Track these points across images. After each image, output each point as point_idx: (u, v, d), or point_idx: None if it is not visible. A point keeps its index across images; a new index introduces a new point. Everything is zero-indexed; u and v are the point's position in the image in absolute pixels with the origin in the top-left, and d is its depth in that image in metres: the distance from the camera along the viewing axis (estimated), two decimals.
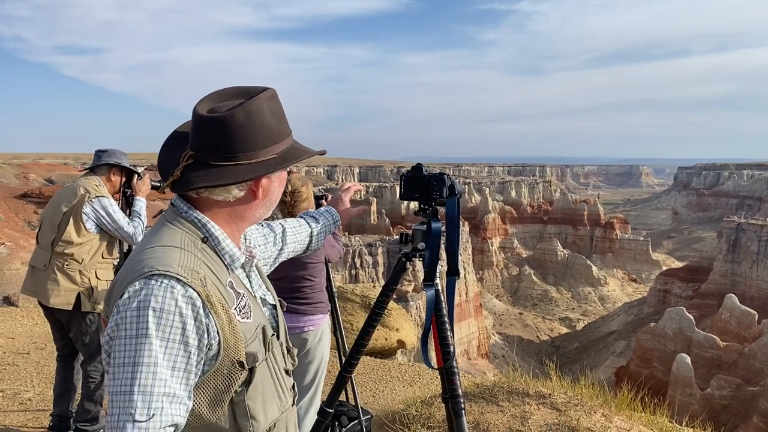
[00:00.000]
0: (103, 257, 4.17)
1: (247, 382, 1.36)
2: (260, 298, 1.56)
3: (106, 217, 4.06)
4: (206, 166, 1.39)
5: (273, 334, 1.48)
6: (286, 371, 1.54)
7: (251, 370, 1.36)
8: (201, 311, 1.27)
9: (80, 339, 4.11)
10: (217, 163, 1.39)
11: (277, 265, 2.02)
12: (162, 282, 1.25)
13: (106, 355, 1.28)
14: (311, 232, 2.14)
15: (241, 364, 1.33)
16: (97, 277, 4.09)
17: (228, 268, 1.44)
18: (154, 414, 1.19)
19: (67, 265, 4.02)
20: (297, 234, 2.07)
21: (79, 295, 4.01)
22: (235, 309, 1.36)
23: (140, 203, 4.30)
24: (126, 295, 1.26)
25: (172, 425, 1.23)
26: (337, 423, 3.87)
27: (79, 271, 4.04)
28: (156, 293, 1.24)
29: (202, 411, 1.32)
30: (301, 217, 2.18)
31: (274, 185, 1.52)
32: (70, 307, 4.00)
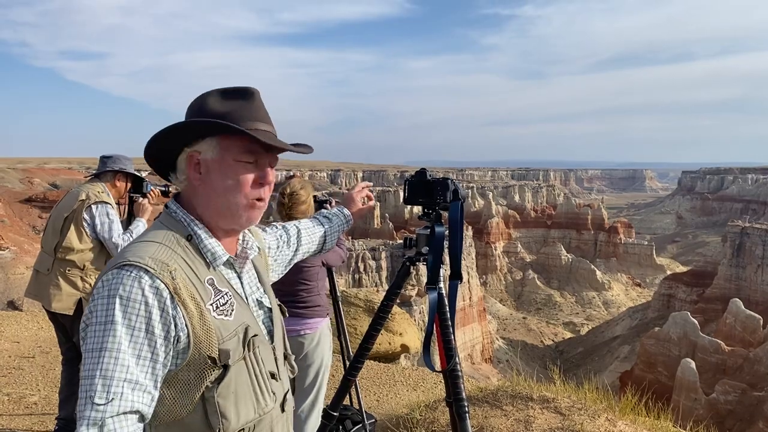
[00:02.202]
0: (105, 263, 4.20)
1: (219, 380, 1.36)
2: (256, 300, 1.57)
3: (100, 225, 4.10)
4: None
5: (255, 335, 1.45)
6: (272, 375, 1.50)
7: (225, 368, 1.36)
8: (168, 302, 1.30)
9: None
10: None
11: (292, 265, 2.05)
12: (131, 272, 1.30)
13: (82, 341, 1.31)
14: (324, 233, 2.17)
15: (213, 360, 1.34)
16: None
17: (210, 266, 1.45)
18: (112, 398, 1.21)
19: (69, 270, 4.05)
20: (311, 235, 2.11)
21: (80, 301, 4.04)
22: (211, 305, 1.37)
23: (138, 223, 4.34)
24: (100, 284, 1.31)
25: (133, 411, 1.24)
26: (341, 427, 3.89)
27: (81, 276, 4.07)
28: (124, 282, 1.28)
29: (173, 404, 1.33)
30: (314, 217, 2.21)
31: (212, 170, 1.45)
32: (71, 312, 4.03)
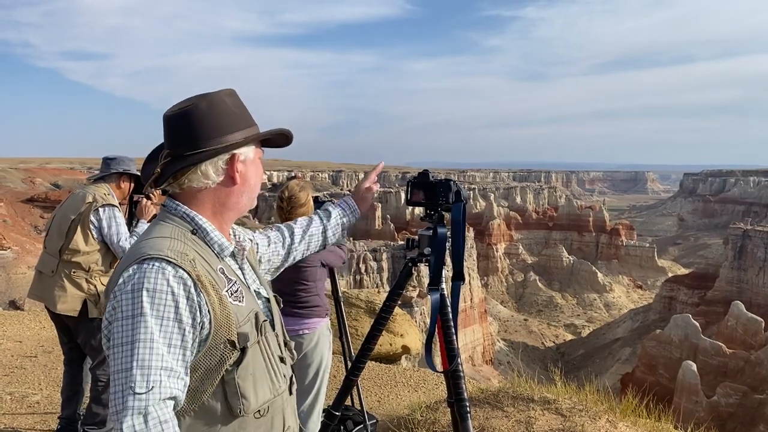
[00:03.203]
0: (110, 265, 4.21)
1: (238, 362, 1.42)
2: (254, 290, 1.62)
3: (107, 228, 4.11)
4: (182, 158, 1.50)
5: (265, 320, 1.53)
6: (281, 359, 1.59)
7: (243, 351, 1.42)
8: (192, 290, 1.36)
9: (88, 343, 4.14)
10: (190, 153, 1.49)
11: (288, 264, 2.06)
12: (153, 264, 1.35)
13: (106, 339, 1.36)
14: (324, 228, 2.10)
15: (232, 343, 1.41)
16: (103, 284, 4.12)
17: (218, 257, 1.52)
18: (153, 386, 1.27)
19: (74, 272, 4.05)
20: (306, 232, 2.07)
21: (85, 302, 4.05)
22: (226, 291, 1.44)
23: (143, 226, 4.35)
24: (121, 280, 1.36)
25: (171, 398, 1.30)
26: (342, 427, 3.90)
27: (86, 278, 4.07)
28: (148, 275, 1.34)
29: (195, 388, 1.39)
30: (315, 213, 2.17)
31: (251, 171, 1.59)
32: (76, 314, 4.04)
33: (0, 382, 5.89)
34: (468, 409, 2.33)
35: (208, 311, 1.38)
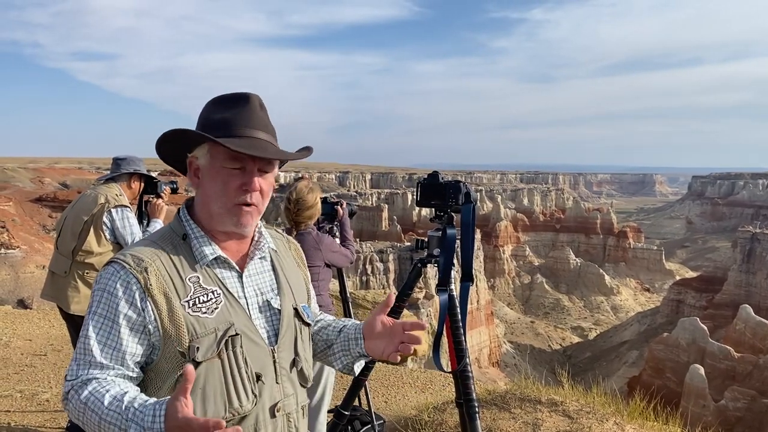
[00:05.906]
0: None
1: None
2: (265, 301, 1.57)
3: (120, 229, 4.14)
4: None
5: (235, 335, 1.45)
6: (258, 377, 1.48)
7: (194, 363, 1.39)
8: (136, 295, 1.41)
9: None
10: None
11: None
12: (112, 267, 1.45)
13: None
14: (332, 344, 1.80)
15: (182, 354, 1.41)
16: None
17: (198, 264, 1.50)
18: (78, 378, 1.40)
19: (87, 273, 4.09)
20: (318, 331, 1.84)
21: None
22: (186, 301, 1.44)
23: (155, 224, 4.39)
24: (96, 277, 1.49)
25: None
26: (350, 427, 3.91)
27: None
28: (105, 276, 1.45)
29: (154, 393, 1.42)
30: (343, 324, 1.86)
31: (204, 175, 1.52)
32: None
33: (10, 380, 5.94)
34: (477, 409, 2.34)
35: (155, 319, 1.41)
